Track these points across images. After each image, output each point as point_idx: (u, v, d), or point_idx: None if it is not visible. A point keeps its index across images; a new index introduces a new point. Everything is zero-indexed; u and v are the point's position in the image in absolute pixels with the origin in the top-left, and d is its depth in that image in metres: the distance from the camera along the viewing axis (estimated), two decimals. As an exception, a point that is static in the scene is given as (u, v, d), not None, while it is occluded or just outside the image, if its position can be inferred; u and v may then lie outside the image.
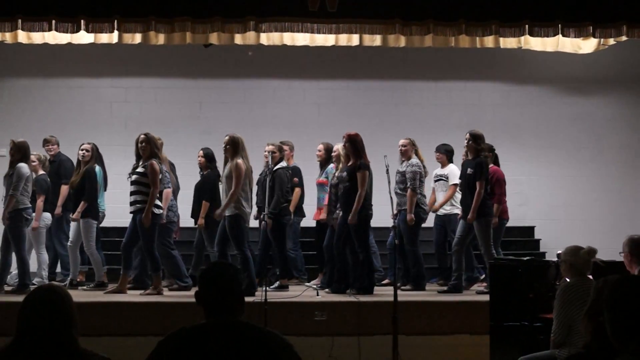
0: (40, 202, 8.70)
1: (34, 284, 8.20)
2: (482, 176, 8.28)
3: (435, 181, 9.28)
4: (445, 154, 9.35)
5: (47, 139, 9.51)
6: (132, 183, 8.17)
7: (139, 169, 8.15)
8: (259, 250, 8.74)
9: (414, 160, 8.87)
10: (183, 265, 8.69)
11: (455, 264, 8.44)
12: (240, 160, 7.99)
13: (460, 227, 8.48)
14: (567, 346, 4.91)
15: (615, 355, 2.67)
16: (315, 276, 9.21)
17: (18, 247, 8.24)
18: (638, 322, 2.67)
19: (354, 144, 8.22)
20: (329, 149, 9.05)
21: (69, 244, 8.83)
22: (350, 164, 8.21)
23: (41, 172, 8.85)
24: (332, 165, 9.00)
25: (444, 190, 9.23)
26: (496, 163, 9.13)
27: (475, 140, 8.44)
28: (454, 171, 9.19)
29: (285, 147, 9.10)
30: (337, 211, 8.38)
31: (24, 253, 8.34)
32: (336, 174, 8.57)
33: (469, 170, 8.36)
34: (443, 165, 9.38)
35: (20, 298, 3.07)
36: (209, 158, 9.08)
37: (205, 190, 8.89)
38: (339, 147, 8.60)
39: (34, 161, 8.67)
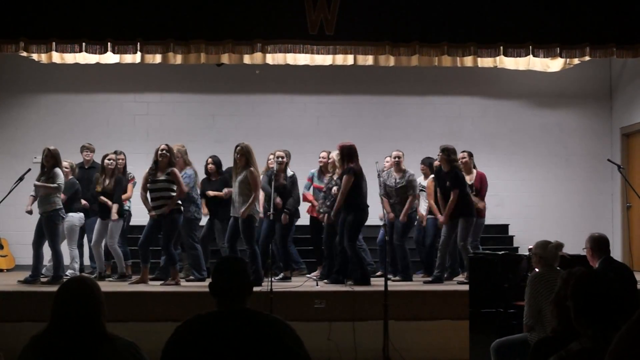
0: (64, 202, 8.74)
1: (67, 276, 8.22)
2: (456, 186, 8.27)
3: (420, 191, 9.14)
4: (429, 166, 9.23)
5: (86, 146, 9.52)
6: (157, 188, 8.18)
7: (164, 177, 8.17)
8: (259, 247, 8.70)
9: (410, 170, 8.89)
10: (203, 259, 8.69)
11: (439, 259, 8.44)
12: (253, 168, 8.00)
13: (445, 228, 8.48)
14: (537, 330, 4.90)
15: (577, 338, 2.69)
16: (314, 269, 9.21)
17: (54, 242, 8.25)
18: (596, 311, 2.69)
19: (342, 153, 8.23)
20: None
21: (92, 242, 8.83)
22: (341, 170, 8.24)
23: (70, 177, 8.85)
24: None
25: (426, 199, 9.11)
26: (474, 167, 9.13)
27: (446, 153, 8.40)
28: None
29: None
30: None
31: (59, 248, 8.33)
32: (334, 178, 8.57)
33: (447, 183, 8.37)
34: (426, 176, 9.31)
35: (54, 288, 3.08)
36: (218, 165, 9.11)
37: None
38: (333, 154, 8.61)
39: (66, 167, 8.68)
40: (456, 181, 8.31)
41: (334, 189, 8.40)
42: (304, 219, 9.37)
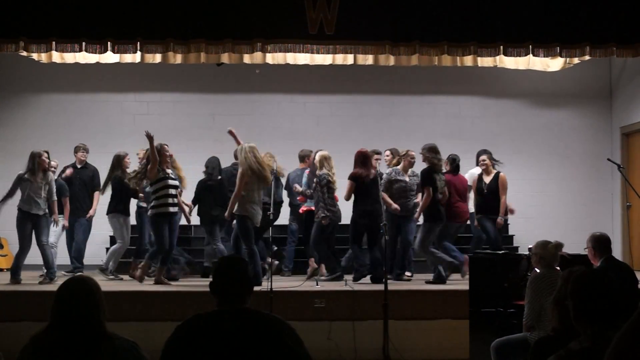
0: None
1: (66, 274, 8.27)
2: (424, 184, 8.34)
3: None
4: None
5: (82, 146, 9.52)
6: (174, 187, 8.24)
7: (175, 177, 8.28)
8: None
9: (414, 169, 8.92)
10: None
11: (429, 260, 8.44)
12: (242, 168, 7.96)
13: (421, 228, 8.53)
14: (538, 330, 4.90)
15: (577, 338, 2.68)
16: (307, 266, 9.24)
17: (48, 240, 8.37)
18: (596, 310, 2.69)
19: (355, 159, 8.44)
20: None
21: (120, 242, 8.90)
22: None
23: (55, 177, 8.92)
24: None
25: None
26: (455, 171, 9.01)
27: (424, 151, 8.49)
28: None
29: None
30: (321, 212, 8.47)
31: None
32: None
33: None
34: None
35: (54, 288, 3.08)
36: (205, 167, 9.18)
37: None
38: (318, 154, 8.68)
39: (54, 168, 8.85)
40: (422, 180, 8.39)
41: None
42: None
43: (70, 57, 9.09)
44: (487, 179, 8.98)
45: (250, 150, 8.00)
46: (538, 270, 5.25)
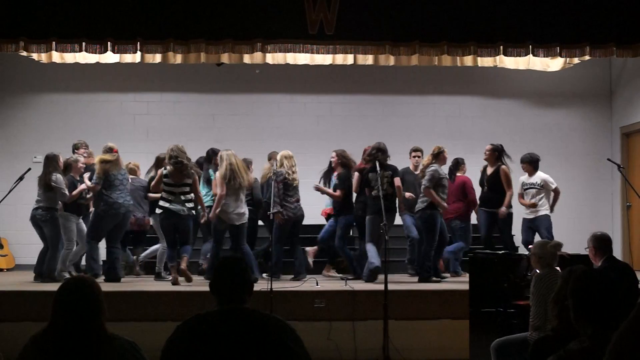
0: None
1: (65, 274, 8.28)
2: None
3: (525, 189, 9.14)
4: (531, 163, 9.19)
5: (83, 143, 9.49)
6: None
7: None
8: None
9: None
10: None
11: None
12: (218, 171, 8.26)
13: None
14: (540, 330, 4.90)
15: (577, 337, 2.68)
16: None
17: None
18: (596, 310, 2.69)
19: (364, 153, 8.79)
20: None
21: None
22: None
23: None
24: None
25: (539, 196, 9.15)
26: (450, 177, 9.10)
27: (370, 149, 8.56)
28: (547, 178, 9.20)
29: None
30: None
31: None
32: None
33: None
34: (530, 175, 9.20)
35: (54, 288, 3.08)
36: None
37: None
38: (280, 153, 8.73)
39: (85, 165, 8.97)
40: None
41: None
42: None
43: (70, 57, 9.10)
44: (489, 171, 8.96)
45: (227, 158, 8.25)
46: (538, 271, 5.25)
